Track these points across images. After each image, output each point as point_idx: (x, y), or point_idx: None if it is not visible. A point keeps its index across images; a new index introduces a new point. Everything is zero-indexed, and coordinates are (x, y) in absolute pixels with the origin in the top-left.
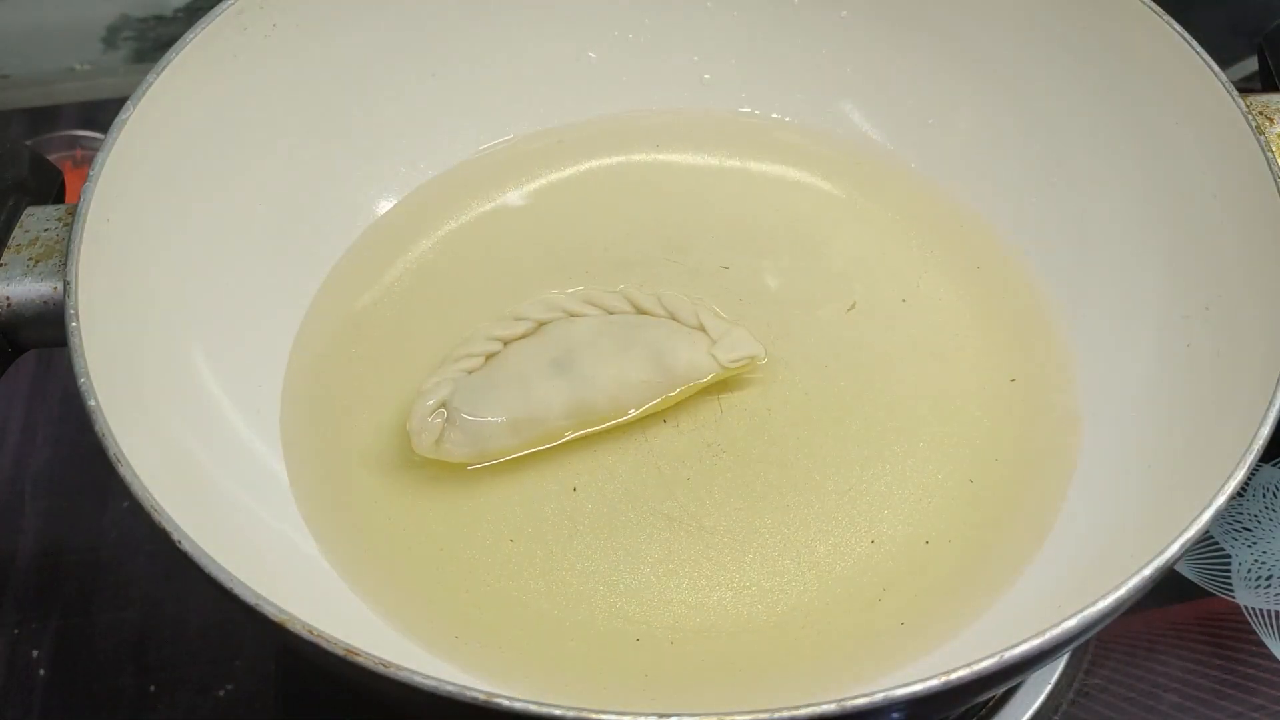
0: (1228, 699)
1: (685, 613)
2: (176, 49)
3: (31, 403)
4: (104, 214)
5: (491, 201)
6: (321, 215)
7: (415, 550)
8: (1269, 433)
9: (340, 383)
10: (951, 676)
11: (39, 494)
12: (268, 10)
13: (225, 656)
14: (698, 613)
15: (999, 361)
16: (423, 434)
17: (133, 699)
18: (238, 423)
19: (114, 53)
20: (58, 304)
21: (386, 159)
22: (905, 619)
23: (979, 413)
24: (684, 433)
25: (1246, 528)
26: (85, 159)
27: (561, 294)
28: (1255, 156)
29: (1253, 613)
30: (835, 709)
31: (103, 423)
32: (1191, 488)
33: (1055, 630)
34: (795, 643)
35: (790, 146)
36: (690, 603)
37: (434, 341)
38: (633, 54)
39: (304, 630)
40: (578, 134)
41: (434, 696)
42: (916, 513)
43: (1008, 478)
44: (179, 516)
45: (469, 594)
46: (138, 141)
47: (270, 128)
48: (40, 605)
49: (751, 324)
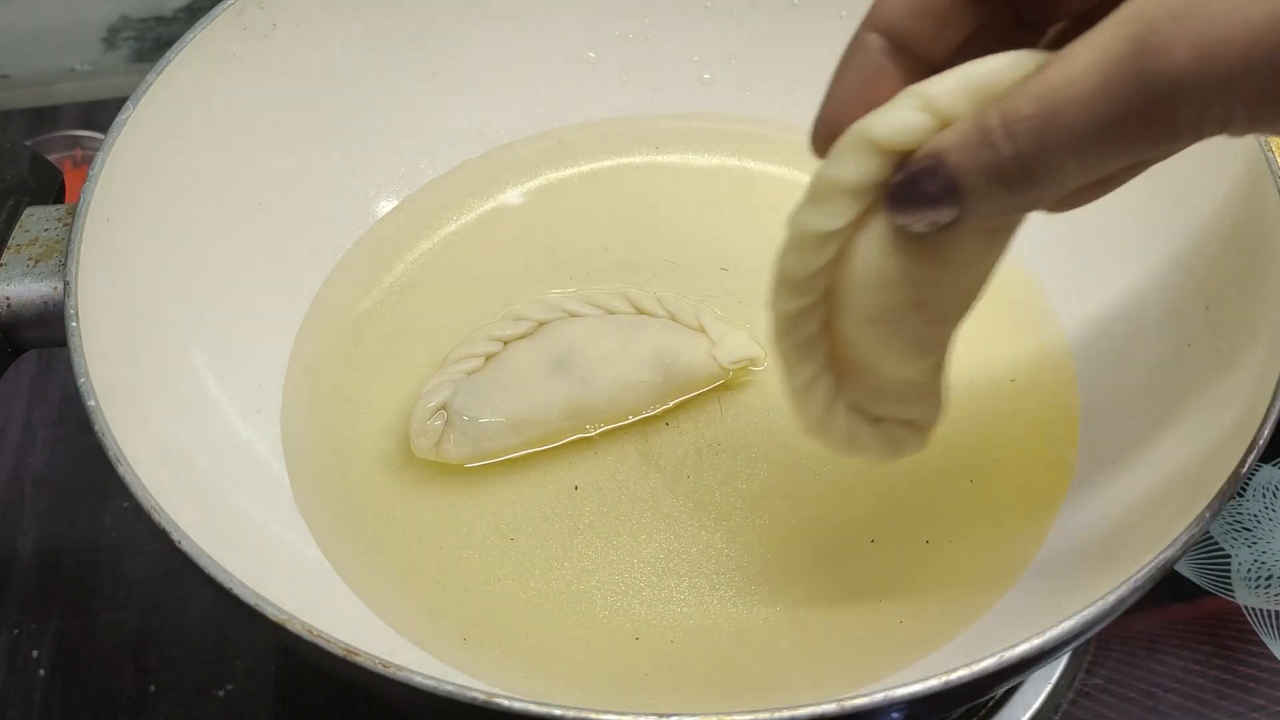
0: (1228, 699)
1: (685, 612)
2: (176, 49)
3: (31, 403)
4: (104, 214)
5: (492, 202)
6: (322, 215)
7: (415, 549)
8: (1269, 433)
9: (340, 383)
10: (951, 676)
11: (39, 494)
12: (268, 10)
13: (225, 656)
14: (698, 612)
15: (999, 361)
16: (423, 436)
17: (133, 699)
18: (237, 423)
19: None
20: (58, 304)
21: (387, 159)
22: (905, 618)
23: (979, 412)
24: (684, 433)
25: (1246, 528)
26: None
27: (561, 294)
28: (1255, 156)
29: (1253, 613)
30: (835, 709)
31: (103, 423)
32: (1191, 488)
33: (1055, 630)
34: (795, 642)
35: (790, 146)
36: (690, 602)
37: (434, 341)
38: (633, 54)
39: (304, 630)
40: (578, 134)
41: (434, 696)
42: (916, 512)
43: (1007, 477)
44: (179, 516)
45: (469, 593)
46: (138, 141)
47: (270, 128)
48: (40, 605)
49: (751, 325)
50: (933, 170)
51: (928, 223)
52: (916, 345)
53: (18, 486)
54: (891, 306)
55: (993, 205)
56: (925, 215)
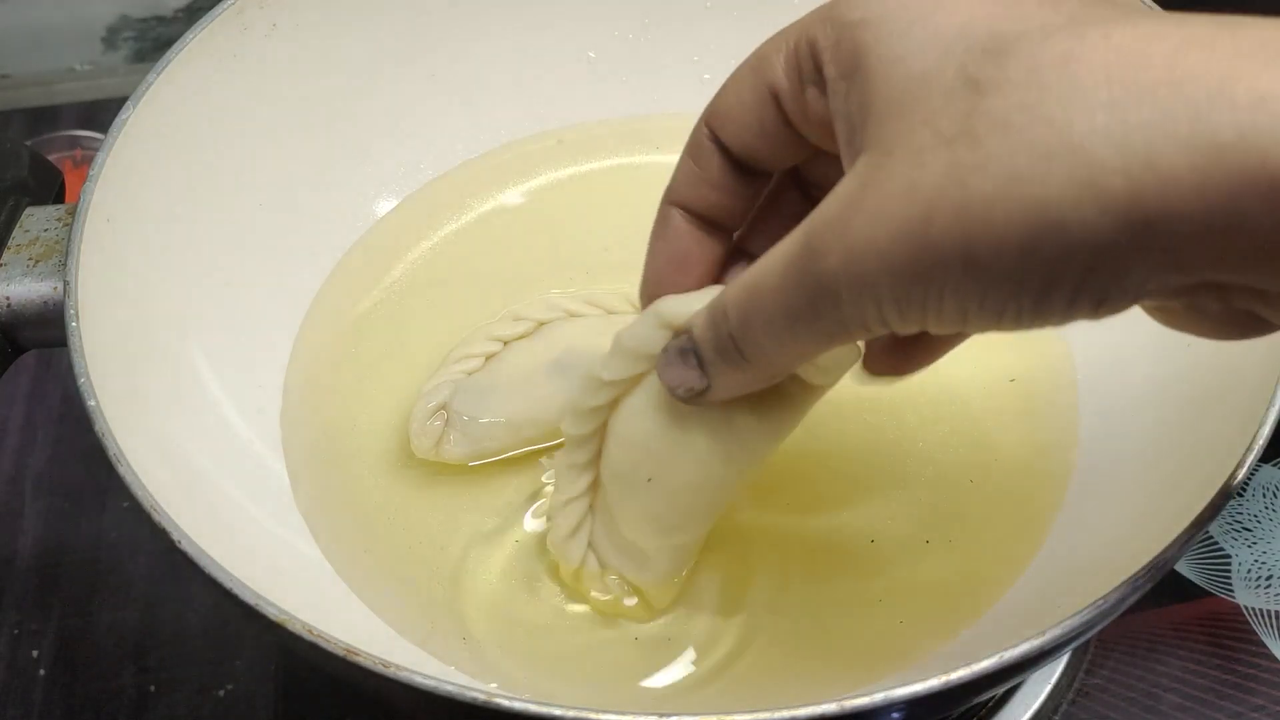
0: (1228, 699)
1: (684, 612)
2: (176, 49)
3: (31, 403)
4: (104, 214)
5: (491, 202)
6: (321, 215)
7: (415, 549)
8: (1269, 433)
9: (340, 382)
10: (951, 676)
11: (39, 494)
12: (268, 10)
13: (225, 656)
14: (697, 612)
15: (999, 361)
16: (423, 437)
17: (133, 699)
18: (238, 423)
19: (114, 53)
20: (58, 304)
21: (387, 159)
22: (904, 618)
23: (979, 412)
24: None
25: (1246, 528)
26: (85, 159)
27: (561, 294)
28: None
29: (1253, 613)
30: (835, 709)
31: (103, 423)
32: (1191, 488)
33: (1055, 630)
34: (795, 642)
35: None
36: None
37: (434, 341)
38: (632, 54)
39: (304, 630)
40: (577, 134)
41: (434, 696)
42: (916, 512)
43: (1007, 477)
44: (179, 516)
45: (469, 593)
46: (138, 141)
47: (270, 128)
48: (40, 605)
49: None
50: (686, 341)
51: (685, 388)
52: (647, 516)
53: (18, 486)
54: (629, 467)
55: (726, 378)
56: (681, 379)
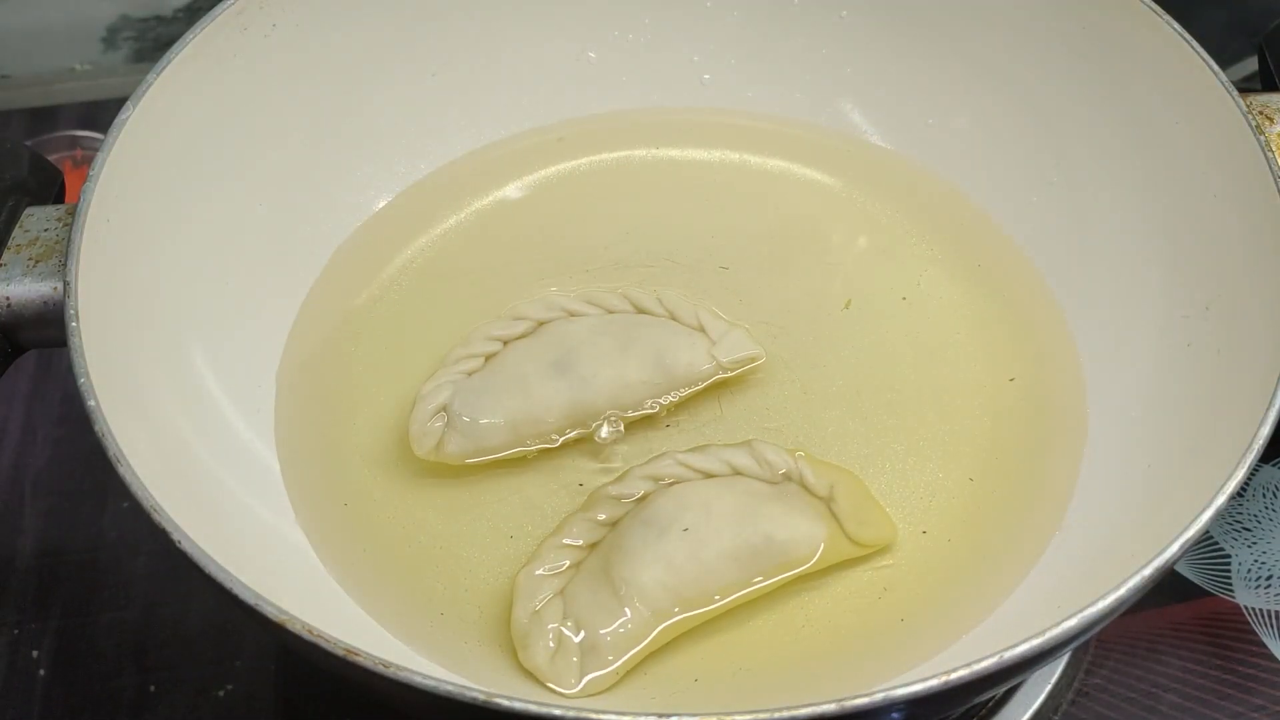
0: (1228, 699)
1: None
2: (176, 49)
3: (31, 403)
4: (104, 214)
5: (491, 200)
6: (321, 214)
7: (415, 549)
8: (1269, 433)
9: (339, 382)
10: (951, 676)
11: (39, 494)
12: (268, 10)
13: (225, 656)
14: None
15: (999, 360)
16: (424, 438)
17: (133, 699)
18: (238, 422)
19: (114, 53)
20: (58, 304)
21: (386, 157)
22: (905, 616)
23: (979, 411)
24: (684, 432)
25: (1246, 528)
26: (85, 159)
27: (561, 293)
28: (1255, 156)
29: (1253, 613)
30: (835, 709)
31: (103, 423)
32: (1191, 488)
33: (1055, 630)
34: (796, 641)
35: (790, 146)
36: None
37: (432, 339)
38: (633, 53)
39: (304, 630)
40: (577, 133)
41: (434, 696)
42: (917, 511)
43: (1008, 477)
44: (179, 516)
45: (469, 593)
46: (138, 141)
47: (270, 127)
48: (40, 605)
49: (751, 323)
50: None
51: None
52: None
53: (18, 486)
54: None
55: None
56: None
